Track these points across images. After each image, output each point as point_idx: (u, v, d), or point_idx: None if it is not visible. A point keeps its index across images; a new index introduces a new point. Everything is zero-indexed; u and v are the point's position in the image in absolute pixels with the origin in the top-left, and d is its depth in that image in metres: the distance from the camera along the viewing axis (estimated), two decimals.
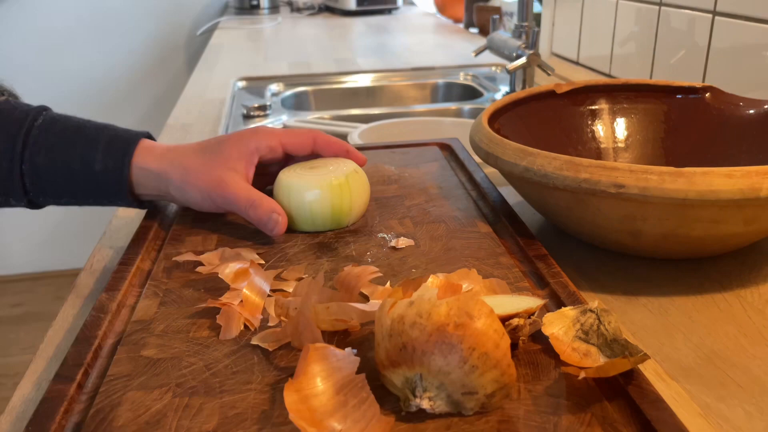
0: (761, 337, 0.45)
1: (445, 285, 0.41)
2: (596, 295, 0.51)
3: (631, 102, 0.70)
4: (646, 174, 0.46)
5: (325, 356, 0.36)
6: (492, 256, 0.52)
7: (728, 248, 0.54)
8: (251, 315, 0.44)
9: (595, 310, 0.40)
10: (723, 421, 0.38)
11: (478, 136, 0.58)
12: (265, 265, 0.51)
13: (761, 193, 0.44)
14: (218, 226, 0.59)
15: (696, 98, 0.68)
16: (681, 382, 0.41)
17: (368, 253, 0.53)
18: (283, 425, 0.35)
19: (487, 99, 1.25)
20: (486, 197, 0.62)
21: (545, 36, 1.35)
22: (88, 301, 0.54)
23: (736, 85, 0.83)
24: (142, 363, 0.40)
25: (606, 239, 0.54)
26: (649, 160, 0.68)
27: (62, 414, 0.36)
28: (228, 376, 0.39)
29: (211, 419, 0.35)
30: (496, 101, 0.65)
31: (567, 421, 0.34)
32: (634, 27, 1.05)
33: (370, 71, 1.40)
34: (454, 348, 0.33)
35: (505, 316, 0.39)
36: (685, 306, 0.49)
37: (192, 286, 0.49)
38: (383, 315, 0.35)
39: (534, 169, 0.50)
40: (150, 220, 0.59)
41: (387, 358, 0.35)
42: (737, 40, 0.83)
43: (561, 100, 0.69)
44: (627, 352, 0.37)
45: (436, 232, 0.56)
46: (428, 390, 0.34)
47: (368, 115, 1.17)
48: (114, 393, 0.37)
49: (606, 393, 0.36)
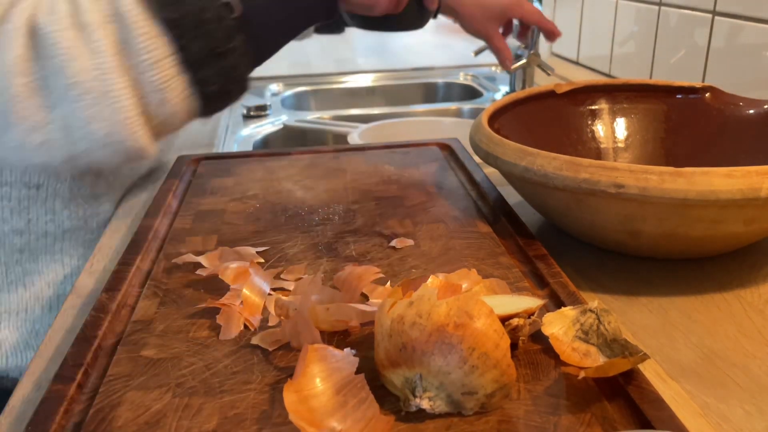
0: (761, 336, 0.45)
1: (444, 285, 0.41)
2: (596, 295, 0.51)
3: (631, 102, 0.70)
4: (645, 174, 0.46)
5: (324, 357, 0.36)
6: (492, 256, 0.52)
7: (728, 248, 0.54)
8: (251, 315, 0.44)
9: (594, 310, 0.40)
10: (723, 420, 0.38)
11: (478, 136, 0.58)
12: (265, 265, 0.51)
13: (761, 193, 0.44)
14: (218, 225, 0.59)
15: (696, 98, 0.68)
16: (681, 382, 0.41)
17: (368, 253, 0.53)
18: (282, 425, 0.35)
19: (487, 99, 1.25)
20: (486, 197, 0.62)
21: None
22: (88, 301, 0.54)
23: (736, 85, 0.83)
24: (141, 363, 0.40)
25: (606, 239, 0.54)
26: (648, 160, 0.68)
27: (62, 414, 0.36)
28: (228, 376, 0.39)
29: (210, 419, 0.35)
30: (496, 101, 0.65)
31: (567, 421, 0.34)
32: (634, 27, 1.05)
33: (370, 71, 1.40)
34: (454, 348, 0.33)
35: (505, 316, 0.39)
36: (685, 306, 0.49)
37: (192, 286, 0.49)
38: (383, 315, 0.35)
39: (534, 169, 0.50)
40: (150, 220, 0.59)
41: (387, 358, 0.35)
42: (737, 40, 0.83)
43: (561, 100, 0.69)
44: (627, 352, 0.37)
45: (436, 232, 0.56)
46: (428, 390, 0.34)
47: (368, 115, 1.17)
48: (114, 393, 0.37)
49: (606, 393, 0.36)
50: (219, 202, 0.64)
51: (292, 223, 0.59)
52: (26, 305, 0.68)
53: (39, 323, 0.68)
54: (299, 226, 0.58)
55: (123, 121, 0.50)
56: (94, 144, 0.51)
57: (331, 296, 0.44)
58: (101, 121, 0.50)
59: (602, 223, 0.51)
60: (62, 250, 0.68)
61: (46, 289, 0.68)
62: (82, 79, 0.48)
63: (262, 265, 0.51)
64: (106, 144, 0.51)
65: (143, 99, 0.51)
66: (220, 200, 0.64)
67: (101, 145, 0.51)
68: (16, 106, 0.48)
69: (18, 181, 0.64)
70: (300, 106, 1.33)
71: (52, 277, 0.68)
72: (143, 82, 0.51)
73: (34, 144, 0.50)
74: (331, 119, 1.14)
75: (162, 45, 0.50)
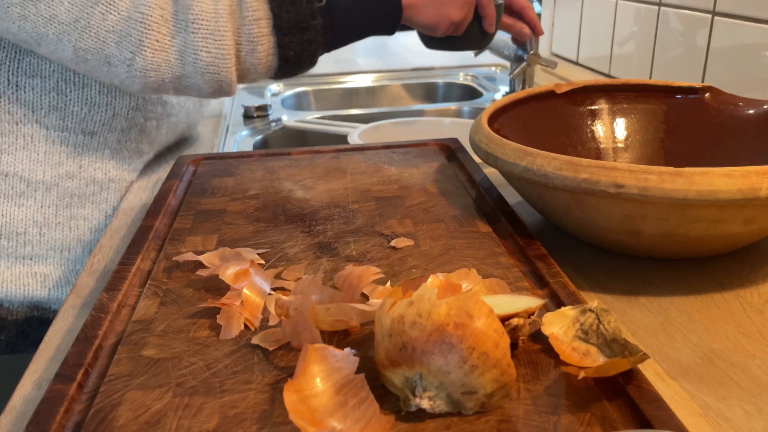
0: (761, 336, 0.45)
1: (444, 285, 0.41)
2: (596, 295, 0.51)
3: (631, 102, 0.70)
4: (645, 174, 0.46)
5: (325, 356, 0.36)
6: (492, 256, 0.52)
7: (728, 248, 0.54)
8: (251, 315, 0.44)
9: (594, 310, 0.40)
10: (722, 420, 0.38)
11: (478, 136, 0.58)
12: (265, 265, 0.51)
13: (761, 193, 0.44)
14: (218, 225, 0.59)
15: (695, 98, 0.69)
16: (680, 381, 0.41)
17: (368, 253, 0.53)
18: (283, 425, 0.35)
19: (487, 99, 1.25)
20: (486, 197, 0.62)
21: (545, 36, 1.35)
22: (88, 301, 0.54)
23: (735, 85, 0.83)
24: (142, 363, 0.40)
25: (606, 239, 0.54)
26: (648, 160, 0.68)
27: (62, 414, 0.36)
28: (228, 376, 0.39)
29: (211, 419, 0.35)
30: (496, 101, 0.65)
31: (567, 420, 0.34)
32: (634, 27, 1.05)
33: (370, 71, 1.41)
34: (454, 348, 0.33)
35: (504, 316, 0.39)
36: (684, 306, 0.49)
37: (192, 286, 0.49)
38: (383, 315, 0.35)
39: (534, 169, 0.50)
40: (150, 220, 0.59)
41: (387, 358, 0.35)
42: (736, 40, 0.83)
43: (561, 100, 0.69)
44: (626, 351, 0.37)
45: (436, 232, 0.56)
46: (428, 390, 0.34)
47: (368, 115, 1.17)
48: (114, 393, 0.37)
49: (605, 393, 0.36)
50: (219, 202, 0.64)
51: (292, 223, 0.59)
52: (69, 245, 0.77)
53: (79, 263, 0.78)
54: (299, 226, 0.58)
55: (223, 55, 0.65)
56: (198, 70, 0.66)
57: (331, 296, 0.44)
58: (207, 52, 0.65)
59: (602, 223, 0.51)
60: (106, 200, 0.79)
61: (87, 234, 0.78)
62: (201, 18, 0.64)
63: (262, 265, 0.51)
64: (206, 72, 0.66)
65: (239, 45, 0.66)
66: (220, 200, 0.65)
67: (203, 72, 0.66)
68: (151, 31, 0.63)
69: (77, 127, 0.74)
70: (300, 106, 1.33)
71: (95, 223, 0.79)
72: (242, 32, 0.66)
73: (155, 64, 0.65)
74: (331, 119, 1.14)
75: (263, 9, 0.66)
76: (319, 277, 0.44)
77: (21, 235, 0.75)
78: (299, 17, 0.67)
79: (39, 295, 0.76)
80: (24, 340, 0.78)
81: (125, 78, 0.66)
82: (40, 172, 0.74)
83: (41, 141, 0.74)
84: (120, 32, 0.63)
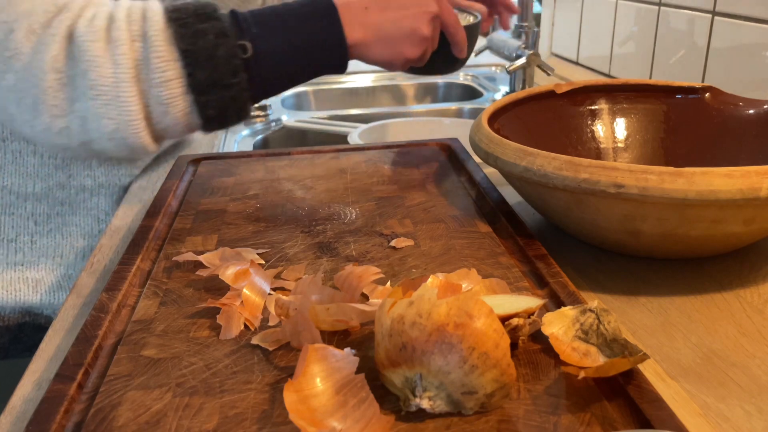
0: (761, 336, 0.45)
1: (444, 285, 0.41)
2: (596, 295, 0.51)
3: (631, 102, 0.70)
4: (645, 174, 0.46)
5: (325, 356, 0.36)
6: (492, 256, 0.52)
7: (728, 248, 0.54)
8: (251, 315, 0.44)
9: (594, 310, 0.40)
10: (722, 420, 0.38)
11: (478, 136, 0.58)
12: (265, 265, 0.51)
13: (761, 193, 0.44)
14: (218, 225, 0.59)
15: (695, 98, 0.68)
16: (680, 381, 0.41)
17: (368, 253, 0.53)
18: (283, 425, 0.35)
19: (487, 99, 1.25)
20: (486, 197, 0.62)
21: (545, 36, 1.35)
22: (88, 301, 0.54)
23: (735, 85, 0.83)
24: (142, 363, 0.40)
25: (606, 239, 0.54)
26: (648, 160, 0.68)
27: (62, 414, 0.36)
28: (228, 376, 0.39)
29: (211, 419, 0.35)
30: (496, 101, 0.65)
31: (567, 420, 0.34)
32: (634, 27, 1.05)
33: (370, 71, 1.41)
34: (454, 348, 0.33)
35: (504, 316, 0.39)
36: (684, 306, 0.49)
37: (192, 286, 0.49)
38: (383, 315, 0.35)
39: (534, 169, 0.50)
40: (150, 220, 0.59)
41: (387, 358, 0.35)
42: (736, 40, 0.83)
43: (561, 100, 0.69)
44: (626, 351, 0.37)
45: (435, 232, 0.56)
46: (428, 390, 0.34)
47: (368, 115, 1.17)
48: (114, 393, 0.37)
49: (605, 393, 0.36)
50: (219, 202, 0.64)
51: (292, 223, 0.59)
52: (62, 251, 0.77)
53: (72, 268, 0.78)
54: (299, 226, 0.58)
55: (128, 121, 0.59)
56: (103, 136, 0.59)
57: (331, 296, 0.44)
58: (110, 119, 0.58)
59: (602, 223, 0.51)
60: (97, 206, 0.78)
61: (80, 239, 0.78)
62: (100, 83, 0.57)
63: (262, 265, 0.51)
64: (112, 138, 0.60)
65: (148, 108, 0.60)
66: (220, 200, 0.65)
67: (108, 138, 0.60)
68: (47, 96, 0.57)
69: None
70: (300, 106, 1.33)
71: (87, 229, 0.78)
72: (150, 95, 0.59)
73: (56, 128, 0.59)
74: (331, 119, 1.14)
75: (174, 68, 0.59)
76: (319, 277, 0.44)
77: (12, 243, 0.75)
78: (217, 75, 0.59)
79: (31, 300, 0.75)
80: (17, 345, 0.77)
81: (33, 137, 0.62)
82: (30, 185, 0.74)
83: (30, 156, 0.74)
84: (19, 92, 0.58)
